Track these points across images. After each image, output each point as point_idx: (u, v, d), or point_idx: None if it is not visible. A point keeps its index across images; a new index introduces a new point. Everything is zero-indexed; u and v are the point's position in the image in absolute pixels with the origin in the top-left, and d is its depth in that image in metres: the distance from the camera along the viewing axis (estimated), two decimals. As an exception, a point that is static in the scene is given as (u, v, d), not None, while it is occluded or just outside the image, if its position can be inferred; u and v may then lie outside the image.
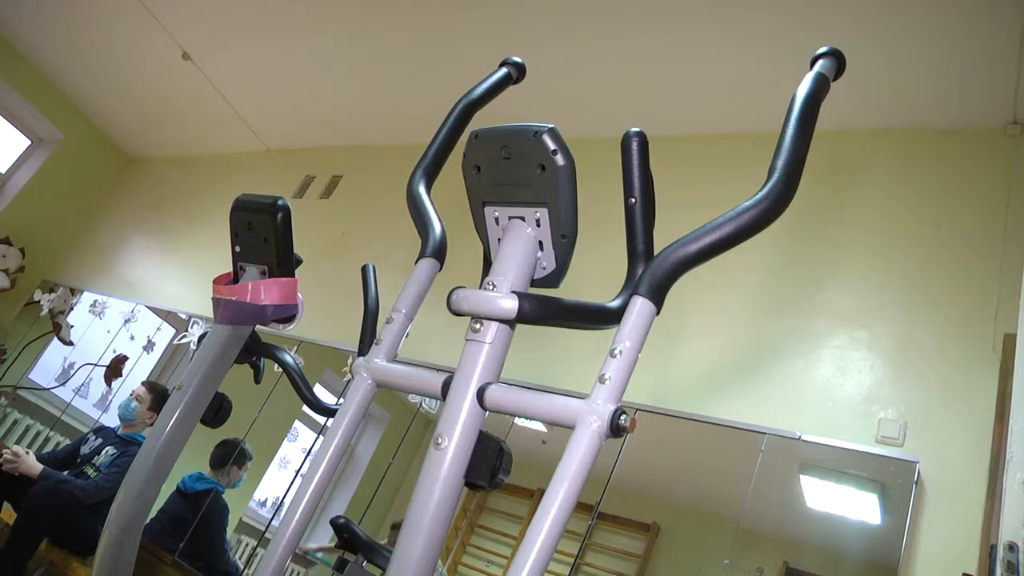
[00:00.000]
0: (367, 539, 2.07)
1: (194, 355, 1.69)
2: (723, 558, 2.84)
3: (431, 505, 1.00)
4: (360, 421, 1.17)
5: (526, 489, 3.66)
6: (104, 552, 1.60)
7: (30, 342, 6.27)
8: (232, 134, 5.98)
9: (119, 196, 7.24)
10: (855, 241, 3.04)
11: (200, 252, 5.68)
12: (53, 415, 5.48)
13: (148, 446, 1.62)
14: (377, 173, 4.95)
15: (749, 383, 2.88)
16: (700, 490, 3.35)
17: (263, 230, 1.66)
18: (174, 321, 5.50)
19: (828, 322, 2.88)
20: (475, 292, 1.08)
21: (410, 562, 0.99)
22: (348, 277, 3.80)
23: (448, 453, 1.01)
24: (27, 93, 6.70)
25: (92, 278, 6.42)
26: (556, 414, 0.98)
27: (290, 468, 4.74)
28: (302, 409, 4.70)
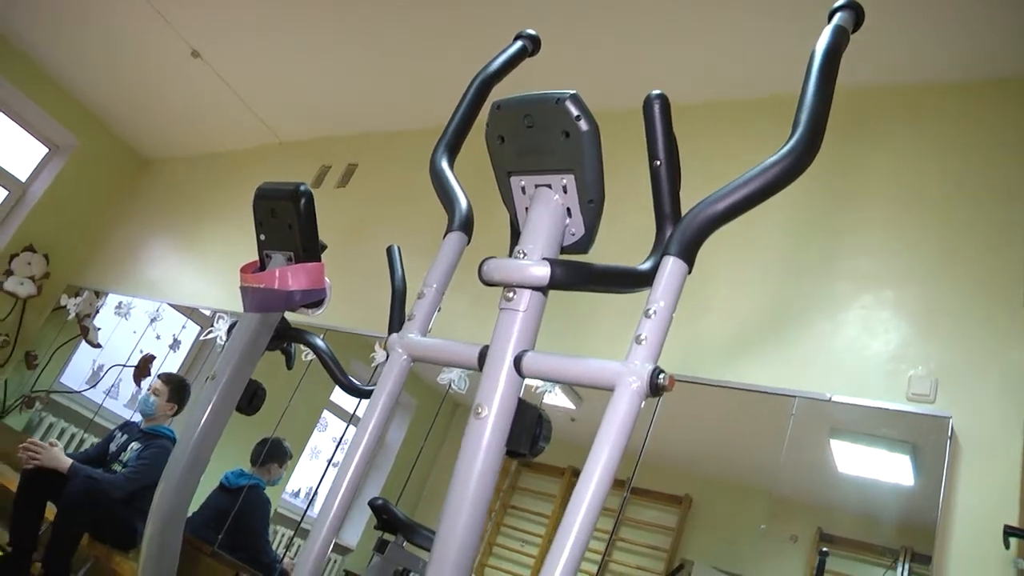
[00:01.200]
0: (406, 519, 2.09)
1: (225, 345, 1.70)
2: (755, 529, 2.84)
3: (474, 475, 1.00)
4: (397, 397, 1.17)
5: (557, 467, 3.67)
6: (149, 542, 1.62)
7: (60, 347, 6.34)
8: (245, 129, 6.00)
9: (137, 198, 7.29)
10: (876, 202, 3.01)
11: (220, 248, 5.72)
12: (86, 417, 5.55)
13: (185, 437, 1.64)
14: (393, 159, 4.95)
15: (776, 348, 2.87)
16: (731, 460, 3.35)
17: (287, 217, 1.67)
18: (198, 318, 5.54)
19: (852, 284, 2.86)
20: (506, 261, 1.08)
21: (456, 533, 0.99)
22: (370, 264, 3.82)
23: (488, 422, 1.01)
24: (41, 101, 6.75)
25: (116, 280, 6.48)
26: (594, 377, 0.98)
27: (321, 458, 4.77)
28: (330, 399, 4.73)
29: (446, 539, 0.99)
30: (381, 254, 3.56)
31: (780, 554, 2.82)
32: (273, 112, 5.66)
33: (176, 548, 1.66)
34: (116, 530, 3.63)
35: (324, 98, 5.22)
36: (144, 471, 3.68)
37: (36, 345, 6.63)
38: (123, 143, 7.37)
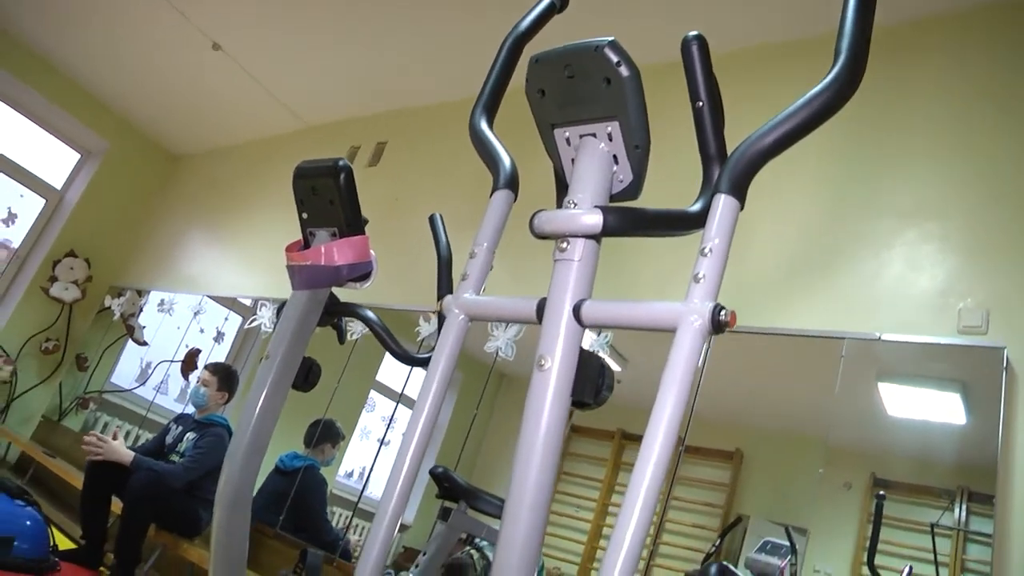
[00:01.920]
0: (467, 485, 2.11)
1: (276, 325, 1.72)
2: (809, 479, 2.83)
3: (542, 427, 1.00)
4: (456, 360, 1.18)
5: (606, 431, 3.67)
6: (219, 526, 1.65)
7: (108, 347, 6.47)
8: (271, 117, 6.02)
9: (169, 195, 7.38)
10: (917, 133, 2.94)
11: (256, 237, 5.77)
12: (139, 414, 5.66)
13: (244, 419, 1.65)
14: (423, 134, 4.94)
15: (821, 290, 2.82)
16: (781, 411, 3.34)
17: (327, 193, 1.67)
18: (240, 309, 5.61)
19: (894, 220, 2.80)
20: (557, 212, 1.08)
21: (528, 486, 1.00)
22: (408, 240, 3.84)
23: (552, 373, 1.01)
24: (70, 107, 6.85)
25: (156, 278, 6.58)
26: (655, 319, 0.98)
27: (372, 438, 4.83)
28: (376, 379, 4.77)
29: (519, 493, 1.00)
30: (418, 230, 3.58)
31: (835, 503, 2.81)
32: (297, 97, 5.67)
33: (245, 530, 1.69)
34: (180, 519, 3.71)
35: (347, 79, 5.21)
36: (202, 459, 3.75)
37: (85, 347, 6.77)
38: (152, 142, 7.46)
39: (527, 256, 2.44)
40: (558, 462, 1.03)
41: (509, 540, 0.99)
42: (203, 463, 3.74)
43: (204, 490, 3.81)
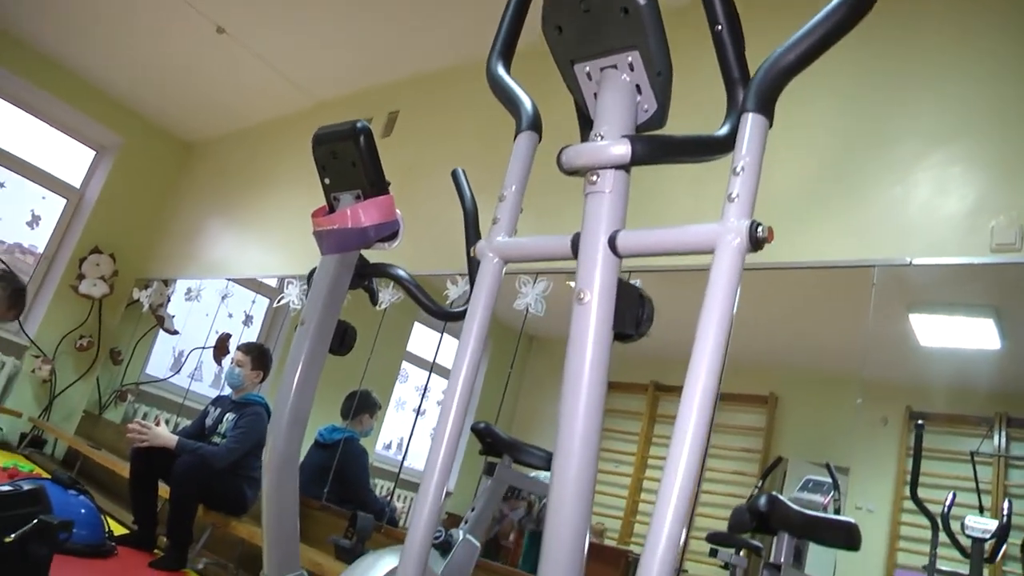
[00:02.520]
0: (510, 439, 2.12)
1: (308, 291, 1.73)
2: (845, 418, 2.81)
3: (586, 360, 1.01)
4: (493, 306, 1.17)
5: (639, 384, 3.68)
6: (269, 496, 1.67)
7: (140, 339, 6.55)
8: (281, 96, 6.01)
9: (186, 183, 7.41)
10: (935, 56, 2.87)
11: (275, 216, 5.78)
12: (176, 402, 5.74)
13: (285, 385, 1.67)
14: (434, 99, 4.90)
15: (848, 220, 2.78)
16: (813, 351, 3.32)
17: (348, 156, 1.67)
18: (266, 291, 5.66)
19: (918, 143, 2.75)
20: (585, 145, 1.07)
21: (577, 423, 1.00)
22: (428, 207, 3.82)
23: (592, 306, 1.01)
24: (81, 105, 6.89)
25: (181, 267, 6.63)
26: (692, 242, 0.97)
27: (407, 408, 4.87)
28: (407, 349, 4.80)
29: (568, 430, 1.00)
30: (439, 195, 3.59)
31: (872, 439, 2.80)
32: (305, 74, 5.64)
33: (295, 496, 1.71)
34: (226, 498, 3.77)
35: (354, 50, 5.17)
36: (243, 439, 3.80)
37: (118, 341, 6.86)
38: (165, 132, 7.48)
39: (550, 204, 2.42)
40: (604, 395, 1.03)
41: (563, 473, 1.00)
42: (244, 442, 3.79)
43: (248, 468, 3.87)
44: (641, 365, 3.53)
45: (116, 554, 3.48)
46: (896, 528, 2.66)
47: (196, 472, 3.61)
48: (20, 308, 3.53)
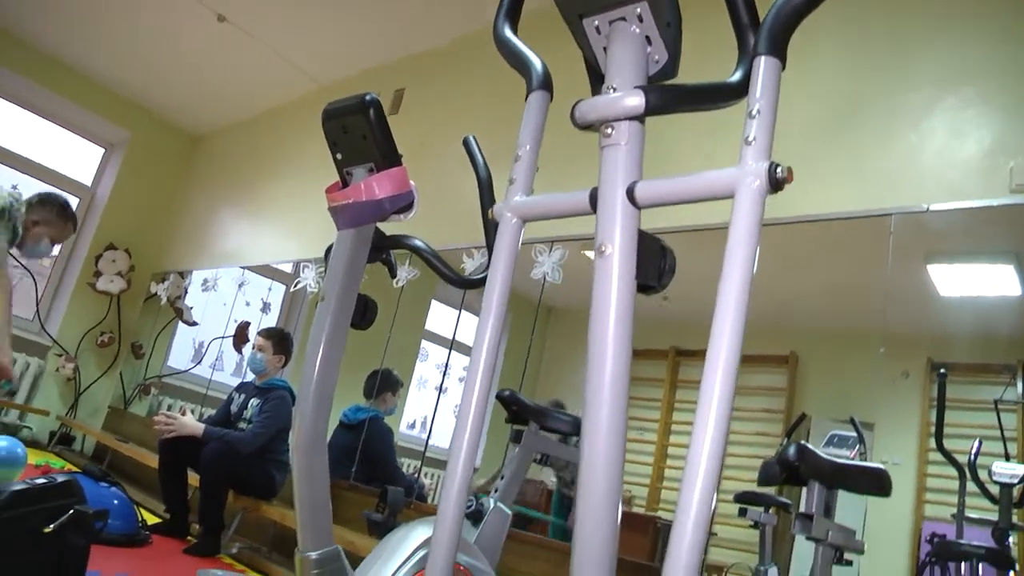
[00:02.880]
0: (535, 406, 2.13)
1: (327, 267, 1.73)
2: (866, 374, 2.81)
3: (611, 313, 1.00)
4: (514, 265, 1.17)
5: (660, 350, 3.69)
6: (299, 473, 1.67)
7: (160, 332, 6.61)
8: (286, 82, 6.00)
9: (196, 175, 7.44)
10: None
11: (286, 202, 5.79)
12: (199, 392, 5.79)
13: (309, 361, 1.67)
14: (439, 75, 4.87)
15: (862, 171, 2.75)
16: (832, 307, 3.31)
17: (359, 129, 1.67)
18: (281, 277, 5.68)
19: (930, 89, 2.70)
20: (599, 98, 1.06)
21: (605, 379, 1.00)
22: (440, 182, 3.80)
23: (614, 258, 1.01)
24: (86, 103, 6.91)
25: (196, 258, 6.66)
26: (711, 188, 0.97)
27: (429, 387, 4.90)
28: (426, 327, 4.82)
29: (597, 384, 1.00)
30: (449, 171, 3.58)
31: (894, 393, 2.80)
32: (308, 58, 5.62)
33: (325, 473, 1.71)
34: (255, 482, 3.82)
35: (356, 31, 5.14)
36: (269, 423, 3.83)
37: (138, 335, 6.92)
38: (172, 126, 7.50)
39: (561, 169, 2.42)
40: (631, 348, 1.03)
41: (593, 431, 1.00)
42: (270, 426, 3.83)
43: (275, 452, 3.90)
44: (661, 331, 3.54)
45: (151, 542, 3.53)
46: (922, 481, 2.66)
47: (224, 458, 3.66)
48: (74, 222, 3.50)
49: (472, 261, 3.74)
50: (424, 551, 1.82)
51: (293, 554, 1.69)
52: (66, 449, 6.43)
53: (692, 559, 0.85)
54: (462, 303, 4.04)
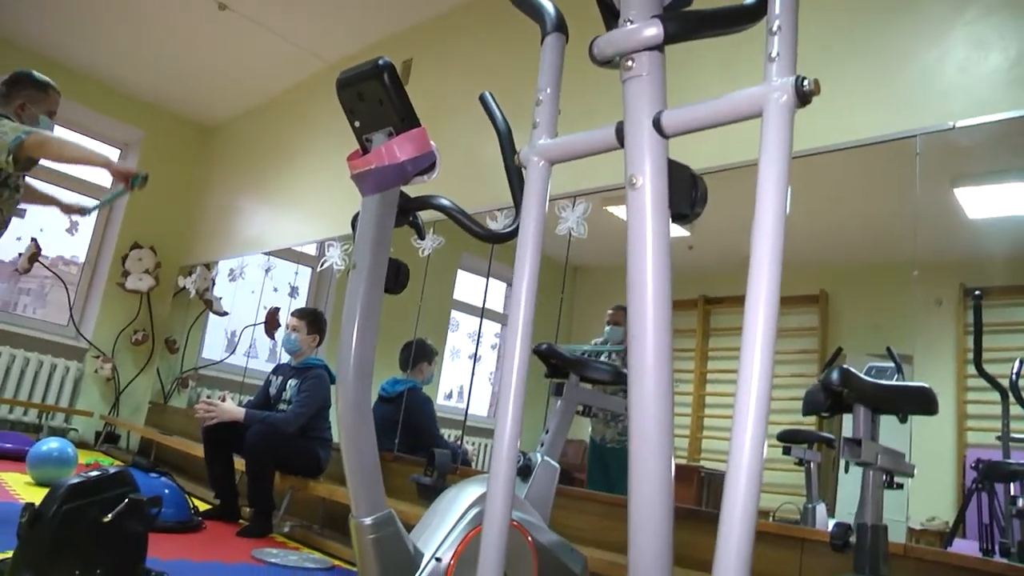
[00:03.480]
0: (574, 357, 2.14)
1: (356, 234, 1.73)
2: (898, 305, 2.78)
3: (648, 244, 1.00)
4: (546, 210, 1.17)
5: (689, 300, 3.66)
6: (347, 440, 1.68)
7: (191, 325, 6.68)
8: (293, 64, 6.00)
9: (212, 166, 7.48)
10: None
11: (305, 184, 5.81)
12: (236, 381, 5.85)
13: (346, 331, 1.67)
14: (446, 43, 4.85)
15: (883, 95, 2.68)
16: (859, 241, 3.28)
17: (375, 95, 1.66)
18: (307, 260, 5.71)
19: (947, 3, 2.64)
20: (616, 32, 1.05)
21: (647, 310, 1.00)
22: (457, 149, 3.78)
23: (646, 189, 1.01)
24: (97, 105, 6.95)
25: (220, 249, 6.71)
26: (738, 108, 0.96)
27: (462, 356, 4.92)
28: (454, 297, 4.83)
29: (639, 318, 1.01)
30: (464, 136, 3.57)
31: (928, 322, 2.76)
32: (313, 38, 5.60)
33: (372, 439, 1.71)
34: (300, 461, 3.86)
35: (358, 5, 5.11)
36: (308, 402, 3.87)
37: (171, 330, 7.01)
38: (184, 119, 7.53)
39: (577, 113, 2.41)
40: (670, 281, 1.02)
41: (640, 366, 1.00)
42: (310, 405, 3.87)
43: (318, 430, 3.95)
44: (689, 281, 3.52)
45: (204, 528, 3.60)
46: (963, 408, 2.64)
47: (268, 440, 3.70)
48: (52, 85, 3.31)
49: (496, 224, 3.74)
50: (477, 508, 1.84)
51: (345, 529, 1.71)
52: (113, 447, 6.56)
53: (748, 504, 0.85)
54: (489, 269, 4.04)
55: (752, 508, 0.86)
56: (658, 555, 0.99)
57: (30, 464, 4.07)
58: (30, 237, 6.24)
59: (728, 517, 0.85)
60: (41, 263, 6.39)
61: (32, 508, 2.25)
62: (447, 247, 4.20)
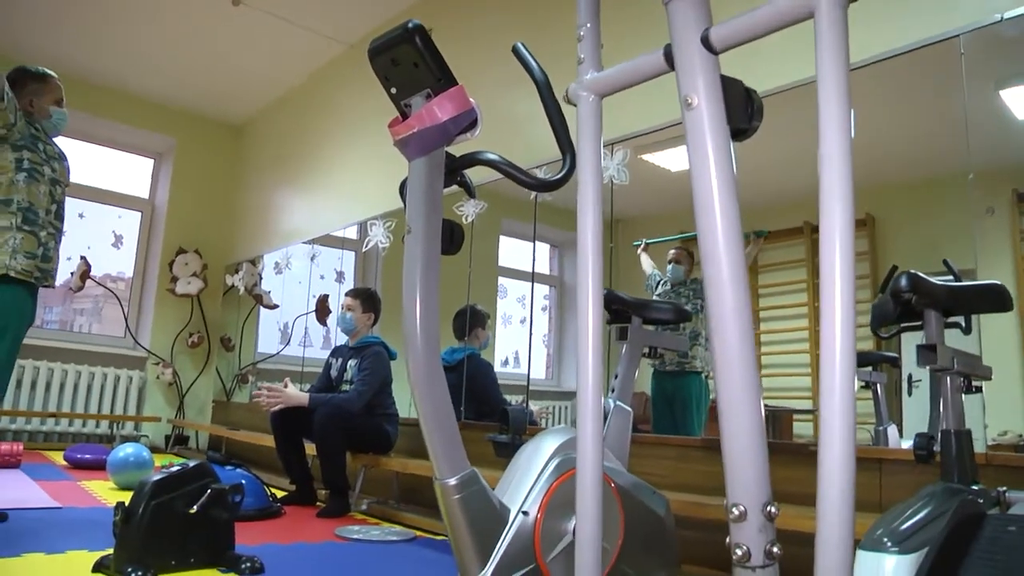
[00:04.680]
0: (636, 300, 2.14)
1: (406, 199, 1.74)
2: (945, 220, 2.72)
3: (711, 163, 1.00)
4: (601, 144, 1.17)
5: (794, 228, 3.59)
6: (422, 404, 1.68)
7: (244, 321, 6.79)
8: (312, 51, 6.01)
9: (245, 163, 7.54)
10: None
11: (338, 168, 5.84)
12: (295, 371, 5.94)
13: (408, 295, 1.68)
14: (467, 7, 4.81)
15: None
16: (902, 158, 3.20)
17: (408, 58, 1.66)
18: (351, 245, 5.75)
19: None
20: None
21: (717, 232, 1.00)
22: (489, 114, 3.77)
23: (703, 108, 1.00)
24: (129, 119, 7.05)
25: (262, 243, 6.79)
26: (787, 13, 0.95)
27: (514, 322, 4.93)
28: (499, 264, 4.83)
29: (711, 238, 1.00)
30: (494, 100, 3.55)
31: (982, 234, 2.70)
32: (330, 22, 5.58)
33: (447, 400, 1.71)
34: (369, 438, 3.92)
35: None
36: (370, 379, 3.91)
37: (225, 329, 7.14)
38: (212, 121, 7.60)
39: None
40: (738, 197, 1.02)
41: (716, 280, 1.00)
42: (372, 382, 3.91)
43: (383, 406, 4.00)
44: (790, 208, 3.45)
45: (284, 513, 3.68)
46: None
47: (335, 421, 3.76)
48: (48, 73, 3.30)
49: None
50: (558, 459, 1.86)
51: (421, 500, 1.73)
52: (183, 448, 6.72)
53: (845, 434, 0.86)
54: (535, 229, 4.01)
55: (850, 437, 0.87)
56: (758, 483, 0.99)
57: (111, 470, 4.19)
58: (79, 256, 6.40)
59: (827, 449, 0.87)
60: (92, 279, 6.53)
61: (123, 507, 2.34)
62: (489, 213, 4.20)
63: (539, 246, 4.06)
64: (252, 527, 3.22)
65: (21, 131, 3.02)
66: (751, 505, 1.00)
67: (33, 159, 3.06)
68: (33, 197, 3.04)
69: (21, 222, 2.99)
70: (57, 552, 2.55)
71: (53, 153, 3.18)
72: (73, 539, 2.76)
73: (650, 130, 3.31)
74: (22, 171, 3.01)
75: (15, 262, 2.93)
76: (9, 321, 2.95)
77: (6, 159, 3.00)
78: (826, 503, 0.87)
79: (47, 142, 3.17)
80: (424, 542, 3.23)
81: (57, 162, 3.18)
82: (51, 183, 3.13)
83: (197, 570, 2.41)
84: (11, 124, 2.96)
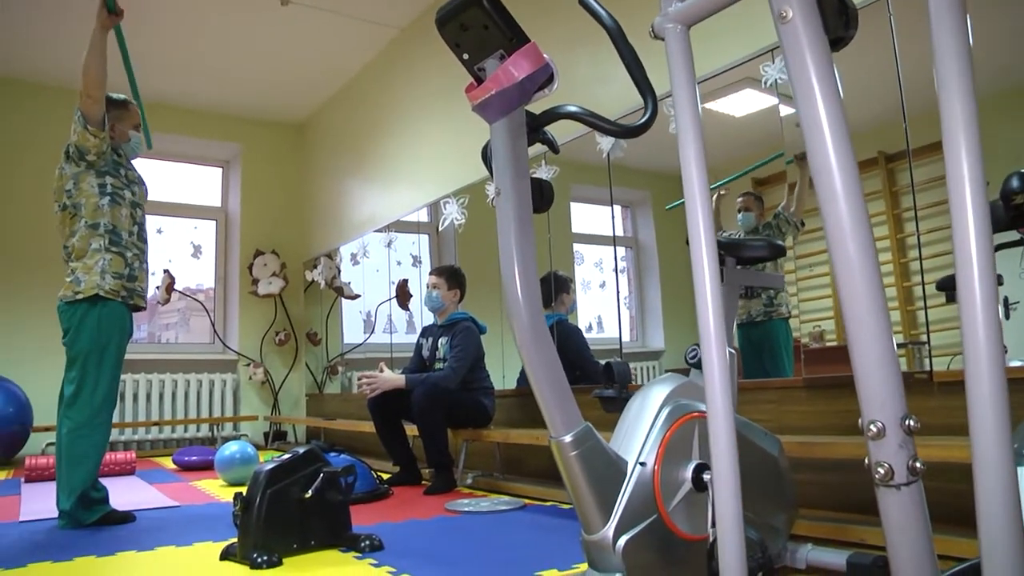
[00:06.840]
0: (728, 240, 2.10)
1: (491, 162, 1.73)
2: None
3: (812, 76, 0.97)
4: (695, 79, 1.15)
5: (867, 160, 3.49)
6: (531, 366, 1.67)
7: (327, 315, 6.93)
8: (365, 41, 6.05)
9: (311, 158, 7.65)
10: None
11: (405, 150, 5.87)
12: (384, 357, 6.02)
13: (505, 257, 1.66)
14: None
15: None
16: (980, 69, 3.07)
17: (478, 21, 1.65)
18: (425, 228, 5.79)
19: None
20: None
21: (828, 153, 0.98)
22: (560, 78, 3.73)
23: (797, 20, 0.97)
24: (195, 131, 7.24)
25: (337, 236, 6.89)
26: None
27: (593, 286, 4.91)
28: (573, 231, 4.81)
29: (821, 151, 0.98)
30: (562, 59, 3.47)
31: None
32: (379, 8, 5.57)
33: (555, 359, 1.69)
34: (468, 413, 3.97)
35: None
36: (463, 355, 3.96)
37: (310, 324, 7.29)
38: (274, 123, 7.71)
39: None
40: (844, 112, 0.99)
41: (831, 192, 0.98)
42: (465, 358, 3.95)
43: (478, 380, 4.04)
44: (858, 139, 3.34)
45: (392, 494, 3.75)
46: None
47: (433, 399, 3.81)
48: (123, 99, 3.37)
49: (607, 140, 3.70)
50: (669, 407, 1.84)
51: (525, 469, 1.73)
52: (283, 443, 6.91)
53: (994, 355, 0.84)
54: (611, 198, 3.96)
55: (998, 357, 0.85)
56: (893, 396, 0.97)
57: (219, 468, 4.33)
58: (162, 269, 6.63)
59: (975, 376, 0.85)
60: (178, 291, 6.75)
61: (242, 497, 2.42)
62: (560, 179, 4.18)
63: (607, 211, 4.03)
64: (363, 509, 3.30)
65: (105, 157, 3.15)
66: (889, 420, 0.97)
67: (115, 184, 3.19)
68: (117, 220, 3.17)
69: (109, 244, 3.13)
70: (185, 544, 2.67)
71: (133, 177, 3.31)
72: (197, 532, 2.89)
73: (712, 73, 3.23)
74: (105, 195, 3.15)
75: (104, 282, 3.08)
76: (112, 336, 3.11)
77: (91, 185, 3.13)
78: (980, 421, 0.85)
79: (127, 167, 3.30)
80: (534, 508, 3.26)
81: (137, 186, 3.32)
82: (132, 206, 3.25)
83: (318, 551, 2.48)
84: (103, 152, 3.10)
